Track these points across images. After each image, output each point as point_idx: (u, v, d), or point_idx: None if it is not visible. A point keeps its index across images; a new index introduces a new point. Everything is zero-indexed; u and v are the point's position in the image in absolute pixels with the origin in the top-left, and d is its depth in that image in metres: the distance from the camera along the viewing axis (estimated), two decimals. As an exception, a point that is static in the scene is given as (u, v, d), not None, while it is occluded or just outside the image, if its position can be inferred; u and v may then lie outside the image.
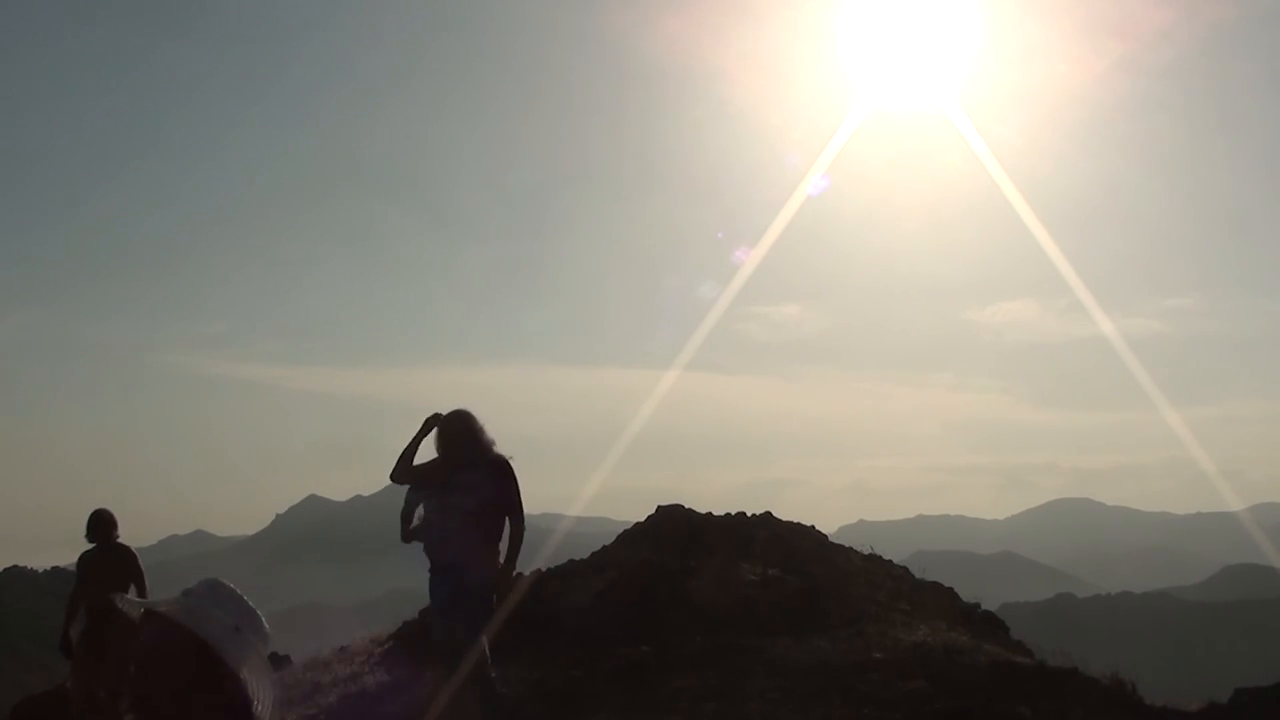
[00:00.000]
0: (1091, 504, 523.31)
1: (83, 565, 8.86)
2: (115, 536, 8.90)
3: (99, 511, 8.93)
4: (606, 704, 7.38)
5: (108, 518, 8.91)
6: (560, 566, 11.63)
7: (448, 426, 6.65)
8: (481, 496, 6.58)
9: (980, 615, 11.41)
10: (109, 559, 8.80)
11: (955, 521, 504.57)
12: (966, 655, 8.00)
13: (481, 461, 6.65)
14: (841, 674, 7.47)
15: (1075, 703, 6.99)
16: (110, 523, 8.89)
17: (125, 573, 8.80)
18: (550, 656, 8.45)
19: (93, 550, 8.86)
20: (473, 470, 6.61)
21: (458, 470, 6.62)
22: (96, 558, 8.82)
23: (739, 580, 9.81)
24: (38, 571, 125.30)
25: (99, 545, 8.85)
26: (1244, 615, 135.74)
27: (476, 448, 6.66)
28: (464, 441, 6.63)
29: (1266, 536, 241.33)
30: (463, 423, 6.67)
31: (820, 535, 12.53)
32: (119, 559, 8.83)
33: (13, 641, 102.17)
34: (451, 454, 6.64)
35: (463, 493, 6.57)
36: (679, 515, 12.17)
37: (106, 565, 8.76)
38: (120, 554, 8.85)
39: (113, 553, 8.83)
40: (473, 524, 6.55)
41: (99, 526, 8.88)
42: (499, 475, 6.69)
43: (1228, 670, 48.65)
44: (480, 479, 6.60)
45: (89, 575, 8.75)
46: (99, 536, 8.87)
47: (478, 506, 6.57)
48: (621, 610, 9.28)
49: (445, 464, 6.67)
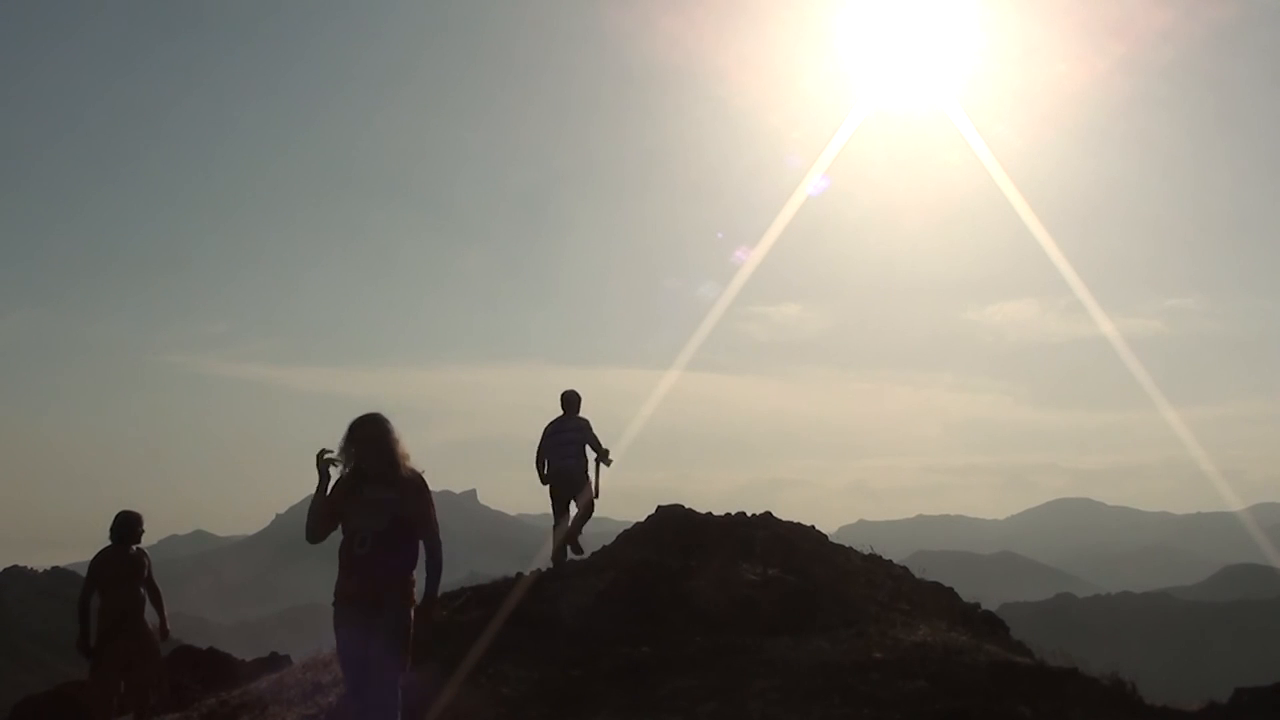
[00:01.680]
0: (1091, 504, 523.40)
1: (97, 565, 8.67)
2: (137, 540, 8.82)
3: (129, 514, 8.80)
4: (606, 704, 7.37)
5: (136, 520, 8.79)
6: (560, 566, 11.62)
7: (358, 431, 5.85)
8: (393, 514, 5.78)
9: (980, 615, 11.42)
10: (123, 562, 8.67)
11: (955, 521, 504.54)
12: (966, 655, 8.00)
13: (394, 475, 5.84)
14: (841, 674, 7.47)
15: (1075, 703, 6.98)
16: (137, 526, 8.79)
17: (140, 577, 8.73)
18: (550, 656, 8.44)
19: (109, 550, 8.70)
20: (383, 485, 5.82)
21: (365, 484, 5.82)
22: (112, 559, 8.66)
23: (739, 580, 9.81)
24: (38, 571, 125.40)
25: (116, 547, 8.71)
26: (1244, 615, 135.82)
27: (389, 458, 5.85)
28: (375, 450, 5.83)
29: (1266, 536, 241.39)
30: (376, 428, 5.87)
31: (820, 535, 12.52)
32: (134, 563, 8.72)
33: (13, 641, 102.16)
34: (361, 464, 5.84)
35: (371, 511, 5.77)
36: (679, 515, 12.17)
37: (122, 568, 8.64)
38: (136, 558, 8.74)
39: (128, 556, 8.70)
40: (384, 547, 5.74)
41: (127, 528, 8.74)
42: (412, 491, 5.87)
43: (1228, 670, 48.66)
44: (392, 495, 5.81)
45: (104, 578, 8.60)
46: (125, 538, 8.73)
47: (389, 525, 5.77)
48: (621, 610, 9.27)
49: (352, 477, 5.87)
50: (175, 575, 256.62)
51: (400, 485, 5.83)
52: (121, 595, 8.59)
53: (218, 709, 9.94)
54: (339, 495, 5.84)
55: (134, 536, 8.79)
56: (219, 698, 10.58)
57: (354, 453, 5.83)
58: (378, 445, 5.83)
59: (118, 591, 8.59)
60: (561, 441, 11.34)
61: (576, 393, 11.55)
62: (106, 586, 8.58)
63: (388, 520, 5.75)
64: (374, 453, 5.82)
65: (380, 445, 5.84)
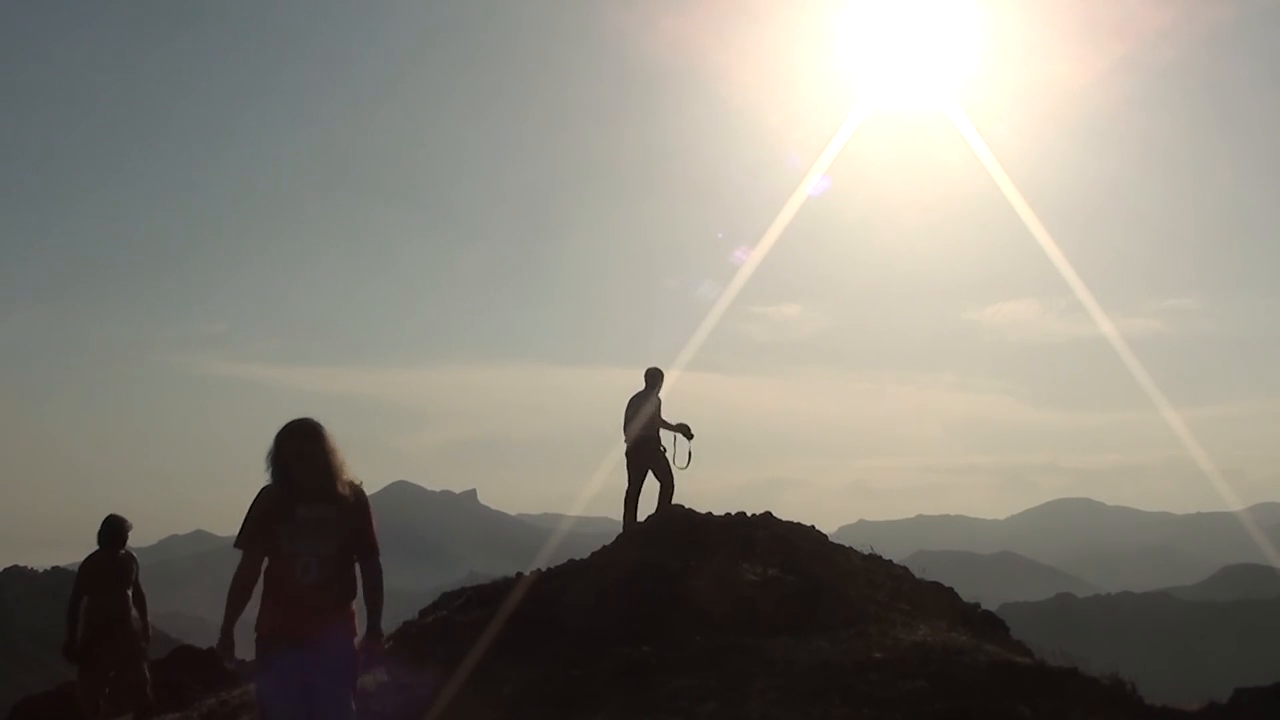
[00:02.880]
0: (1091, 504, 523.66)
1: (85, 570, 8.74)
2: (124, 544, 8.87)
3: (116, 518, 8.84)
4: (606, 704, 7.37)
5: (123, 525, 8.83)
6: (560, 566, 11.62)
7: (290, 442, 5.02)
8: (340, 539, 5.01)
9: (980, 615, 11.41)
10: (112, 566, 8.72)
11: (955, 521, 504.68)
12: (966, 655, 8.00)
13: (334, 490, 5.05)
14: (841, 674, 7.47)
15: (1075, 703, 6.98)
16: (124, 531, 8.83)
17: (126, 582, 8.76)
18: (550, 656, 8.44)
19: (98, 555, 8.75)
20: (322, 502, 5.02)
21: (301, 502, 5.00)
22: (100, 564, 8.72)
23: (739, 580, 9.81)
24: (38, 571, 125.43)
25: (105, 551, 8.75)
26: (1244, 615, 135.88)
27: (329, 472, 5.04)
28: (312, 462, 5.00)
29: (1266, 536, 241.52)
30: (311, 438, 5.05)
31: (820, 535, 12.51)
32: (122, 567, 8.75)
33: (13, 641, 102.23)
34: (296, 479, 5.01)
35: (314, 534, 4.96)
36: (679, 515, 12.16)
37: (109, 573, 8.69)
38: (123, 562, 8.78)
39: (116, 560, 8.75)
40: (331, 576, 4.98)
41: (115, 533, 8.79)
42: (355, 509, 5.10)
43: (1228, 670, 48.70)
44: (334, 514, 5.02)
45: (93, 582, 8.66)
46: (113, 543, 8.78)
47: (336, 551, 5.00)
48: (621, 610, 9.27)
49: (284, 495, 5.01)
50: (175, 575, 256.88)
51: (341, 502, 5.05)
52: (109, 600, 8.65)
53: (218, 709, 9.95)
54: (270, 515, 4.99)
55: (121, 541, 8.83)
56: (219, 698, 10.60)
57: (286, 470, 5.01)
58: (314, 457, 5.01)
59: (105, 596, 8.64)
60: (643, 413, 12.11)
61: (660, 370, 12.32)
62: (94, 590, 8.63)
63: (336, 544, 5.00)
64: (310, 465, 5.01)
65: (317, 456, 5.02)
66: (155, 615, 9.05)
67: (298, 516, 4.97)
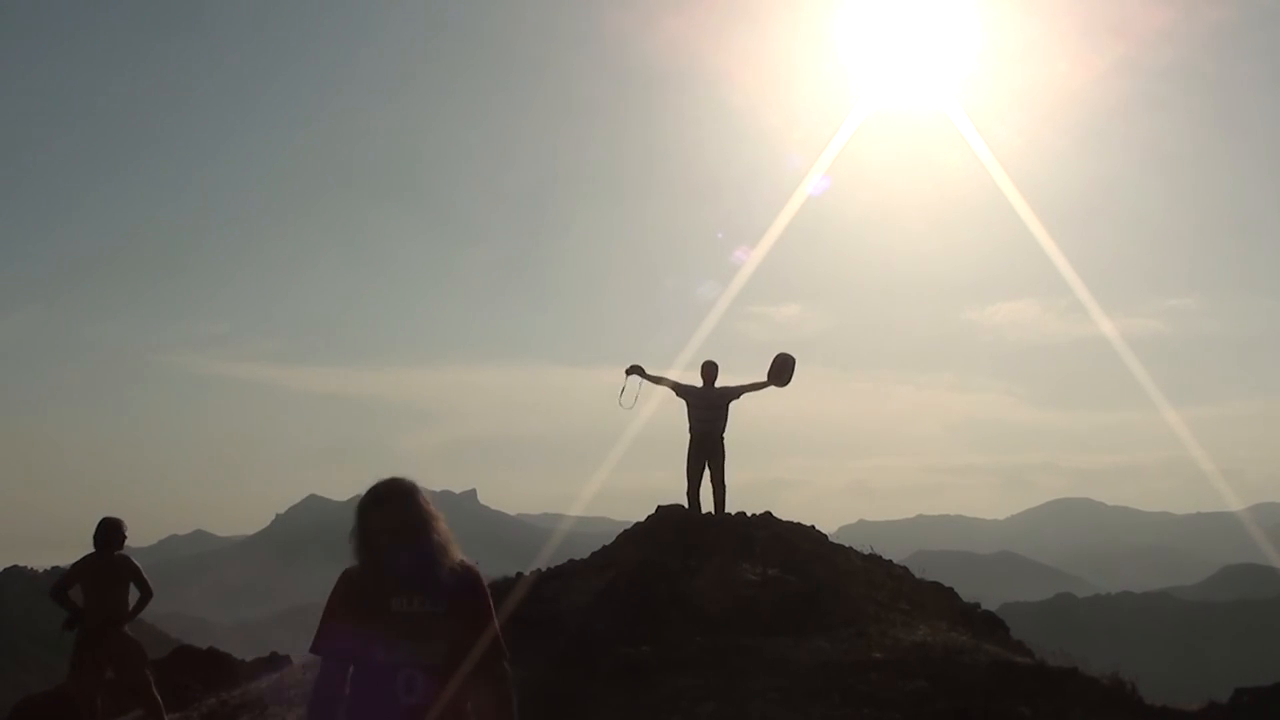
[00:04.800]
0: (1091, 504, 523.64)
1: (79, 567, 8.65)
2: (119, 546, 8.79)
3: (109, 520, 8.76)
4: (606, 704, 7.37)
5: (118, 526, 8.75)
6: (560, 566, 11.62)
7: (378, 512, 3.62)
8: (452, 639, 3.61)
9: (980, 615, 11.42)
10: (107, 568, 8.62)
11: (955, 521, 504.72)
12: (966, 655, 8.00)
13: (436, 575, 3.62)
14: (841, 674, 7.47)
15: (1075, 703, 6.99)
16: (120, 533, 8.75)
17: (123, 584, 8.71)
18: (550, 656, 8.44)
19: (92, 557, 8.66)
20: (424, 592, 3.60)
21: (396, 592, 3.58)
22: (95, 565, 8.63)
23: (739, 580, 9.81)
24: (38, 571, 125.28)
25: (100, 552, 8.67)
26: (1244, 615, 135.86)
27: (428, 550, 3.62)
28: (406, 539, 3.59)
29: (1266, 536, 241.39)
30: (404, 503, 3.64)
31: (820, 535, 12.52)
32: (118, 569, 8.66)
33: (13, 641, 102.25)
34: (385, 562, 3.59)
35: (412, 635, 3.57)
36: (679, 515, 12.16)
37: (105, 574, 8.60)
38: (119, 563, 8.69)
39: (111, 562, 8.64)
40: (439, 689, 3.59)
41: (110, 534, 8.70)
42: (470, 600, 3.69)
43: (1228, 670, 48.65)
44: (442, 608, 3.62)
45: (87, 583, 8.56)
46: (108, 544, 8.68)
47: (445, 660, 3.61)
48: (621, 610, 9.27)
49: (373, 584, 3.60)
50: (175, 575, 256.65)
51: (448, 592, 3.64)
52: (105, 602, 8.56)
53: (218, 709, 9.96)
54: (355, 611, 3.58)
55: (117, 542, 8.76)
56: (219, 698, 10.60)
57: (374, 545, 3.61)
58: (410, 533, 3.60)
59: (102, 598, 8.55)
60: (707, 405, 11.94)
61: (715, 363, 12.20)
62: (90, 592, 8.54)
63: (445, 649, 3.59)
64: (404, 545, 3.59)
65: (412, 532, 3.61)
66: (155, 615, 9.02)
67: (394, 613, 3.56)
